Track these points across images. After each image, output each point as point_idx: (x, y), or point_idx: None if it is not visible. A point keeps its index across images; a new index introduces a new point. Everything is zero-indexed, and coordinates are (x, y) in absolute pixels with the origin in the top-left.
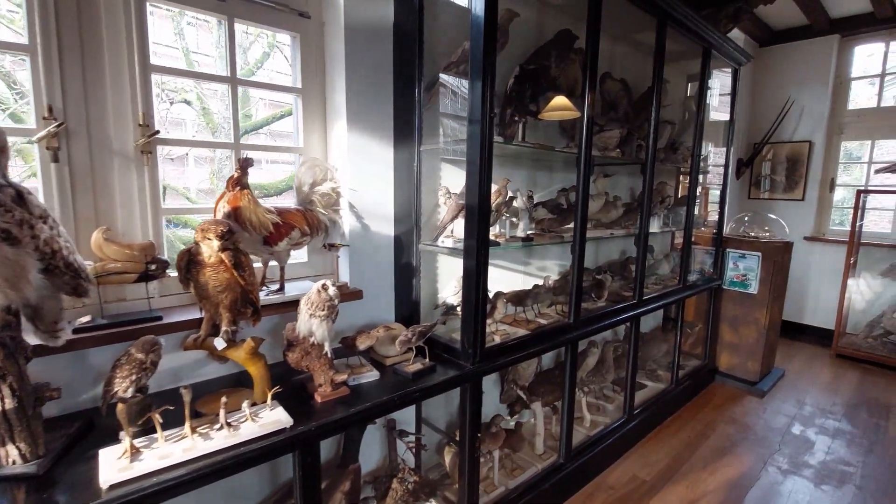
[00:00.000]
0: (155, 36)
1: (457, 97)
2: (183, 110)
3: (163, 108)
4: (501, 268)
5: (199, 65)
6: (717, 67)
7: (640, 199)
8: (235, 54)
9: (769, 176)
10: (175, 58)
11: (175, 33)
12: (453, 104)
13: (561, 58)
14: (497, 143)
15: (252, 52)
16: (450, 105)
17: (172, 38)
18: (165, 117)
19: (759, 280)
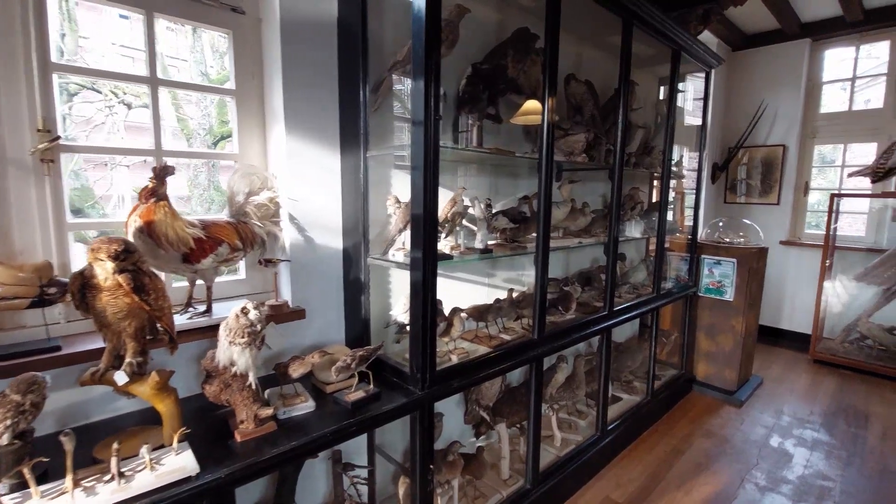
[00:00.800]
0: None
1: (405, 99)
2: (143, 115)
3: (118, 113)
4: (462, 280)
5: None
6: (690, 71)
7: (610, 205)
8: (156, 52)
9: (745, 180)
10: (137, 59)
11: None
12: (402, 106)
13: (519, 57)
14: (450, 149)
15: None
16: (398, 107)
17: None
18: (119, 122)
19: (735, 287)
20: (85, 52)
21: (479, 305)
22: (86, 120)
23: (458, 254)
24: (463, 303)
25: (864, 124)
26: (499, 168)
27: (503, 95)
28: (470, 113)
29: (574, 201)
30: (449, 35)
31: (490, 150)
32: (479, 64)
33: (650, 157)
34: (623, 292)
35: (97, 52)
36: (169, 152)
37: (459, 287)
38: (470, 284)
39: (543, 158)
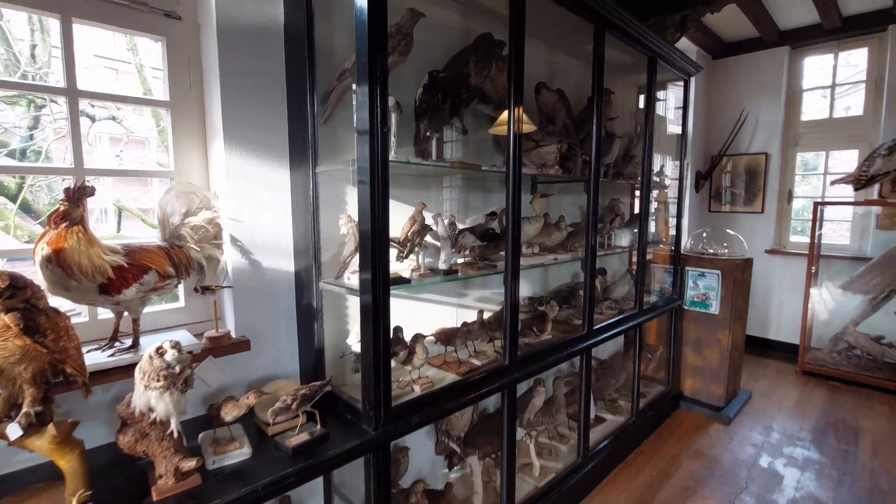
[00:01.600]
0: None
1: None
2: (112, 128)
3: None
4: (430, 302)
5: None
6: (669, 79)
7: (586, 219)
8: (74, 60)
9: (729, 188)
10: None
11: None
12: (352, 118)
13: (482, 65)
14: (401, 163)
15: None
16: (349, 119)
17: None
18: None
19: (720, 299)
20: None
21: (446, 329)
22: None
23: (418, 276)
24: (430, 325)
25: (845, 131)
26: (469, 182)
27: (468, 105)
28: (430, 124)
29: (548, 216)
30: (401, 41)
31: (453, 163)
32: (437, 72)
33: (630, 168)
34: (604, 308)
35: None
36: (92, 171)
37: (426, 309)
38: (438, 306)
39: (511, 172)
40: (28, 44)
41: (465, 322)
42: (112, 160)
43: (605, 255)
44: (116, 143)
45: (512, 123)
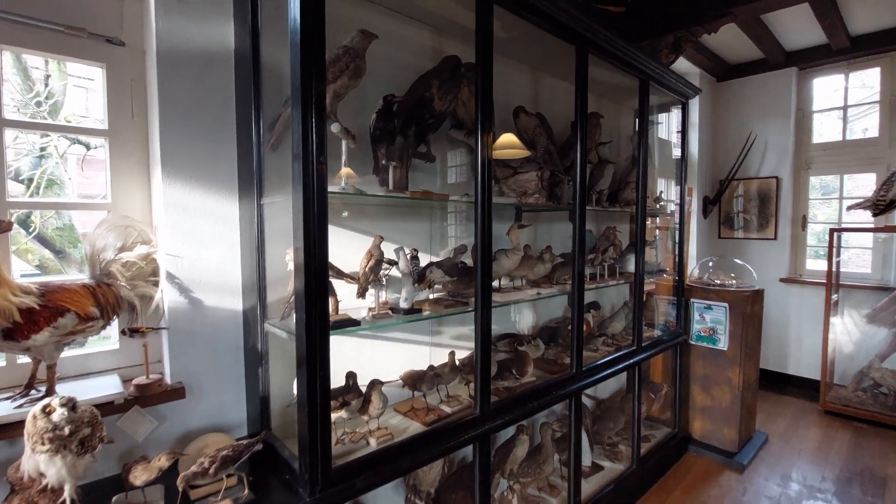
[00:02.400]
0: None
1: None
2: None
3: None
4: (399, 342)
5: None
6: (669, 102)
7: (572, 250)
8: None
9: (741, 213)
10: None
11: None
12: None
13: (446, 88)
14: (347, 194)
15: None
16: None
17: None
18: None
19: (729, 334)
20: None
21: (414, 371)
22: None
23: (371, 317)
24: (399, 366)
25: (860, 154)
26: (446, 213)
27: (435, 131)
28: (388, 151)
29: (529, 247)
30: (349, 64)
31: (413, 193)
32: (393, 96)
33: (626, 194)
34: (599, 345)
35: None
36: (17, 203)
37: (394, 349)
38: (408, 345)
39: (479, 202)
40: None
41: (433, 366)
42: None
43: (598, 288)
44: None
45: (479, 150)
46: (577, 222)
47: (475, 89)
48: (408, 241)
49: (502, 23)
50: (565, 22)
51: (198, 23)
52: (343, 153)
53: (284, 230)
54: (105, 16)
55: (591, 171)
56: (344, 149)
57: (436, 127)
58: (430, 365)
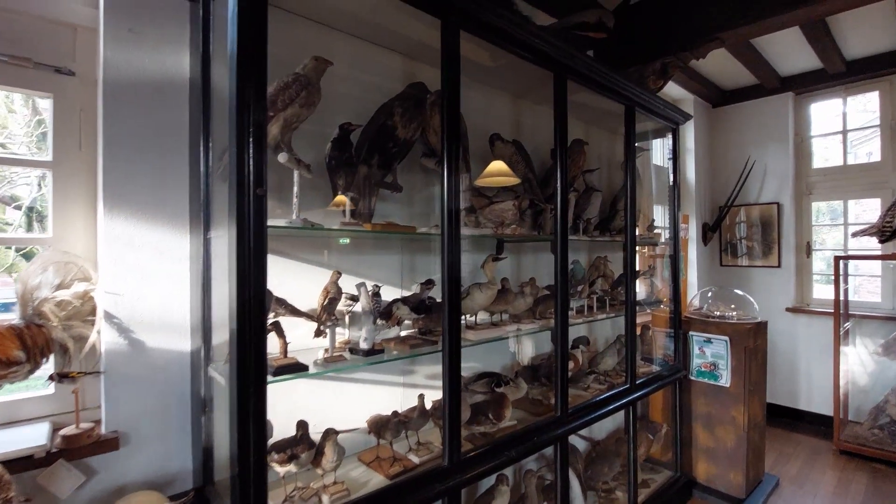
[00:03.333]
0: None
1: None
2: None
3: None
4: (367, 383)
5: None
6: (659, 128)
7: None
8: None
9: (743, 240)
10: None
11: None
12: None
13: (410, 116)
14: (293, 228)
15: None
16: None
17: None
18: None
19: (731, 370)
20: None
21: (378, 417)
22: None
23: (323, 360)
24: (368, 410)
25: (864, 179)
26: (419, 245)
27: (400, 160)
28: (347, 182)
29: (506, 281)
30: (300, 91)
31: (375, 226)
32: (349, 125)
33: (617, 222)
34: (590, 383)
35: None
36: None
37: (361, 391)
38: (378, 387)
39: (445, 233)
40: None
41: (397, 411)
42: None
43: (587, 322)
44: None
45: (446, 179)
46: (559, 253)
47: (441, 116)
48: (376, 275)
49: (489, 53)
50: (539, 47)
51: (151, 52)
52: (295, 184)
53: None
54: (59, 46)
55: (577, 200)
56: (296, 179)
57: (401, 155)
58: (394, 410)
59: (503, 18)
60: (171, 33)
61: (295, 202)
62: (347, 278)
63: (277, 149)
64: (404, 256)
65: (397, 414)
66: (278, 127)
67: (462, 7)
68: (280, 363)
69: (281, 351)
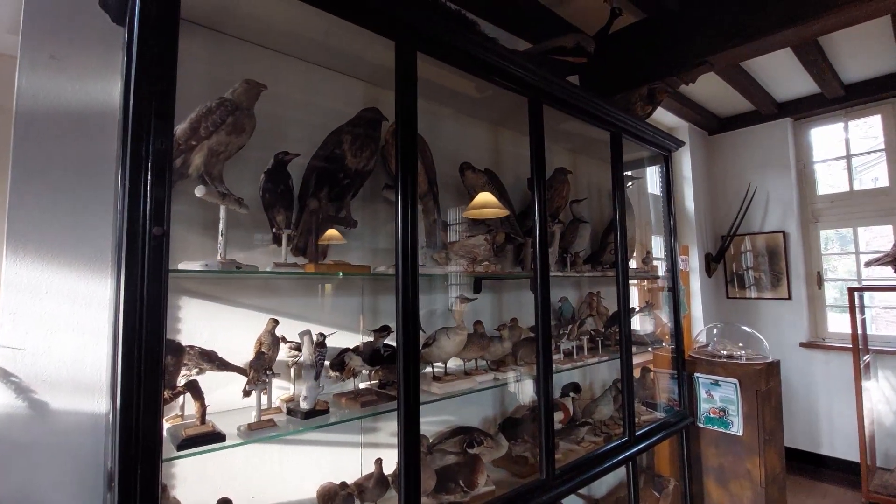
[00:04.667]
0: None
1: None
2: None
3: None
4: (322, 444)
5: None
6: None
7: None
8: None
9: (749, 270)
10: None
11: None
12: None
13: (360, 144)
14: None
15: None
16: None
17: None
18: None
19: (742, 416)
20: None
21: (328, 486)
22: None
23: (247, 428)
24: (323, 476)
25: (872, 205)
26: (376, 284)
27: (353, 192)
28: (287, 218)
29: (480, 324)
30: (225, 117)
31: (319, 266)
32: (285, 153)
33: (607, 256)
34: (583, 435)
35: None
36: None
37: (317, 453)
38: (334, 449)
39: (400, 274)
40: None
41: (345, 483)
42: None
43: (577, 367)
44: None
45: (401, 212)
46: (539, 291)
47: (396, 143)
48: (333, 320)
49: (475, 83)
50: (510, 70)
51: (74, 79)
52: (221, 220)
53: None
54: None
55: (563, 233)
56: (223, 215)
57: (354, 188)
58: (342, 481)
59: (465, 39)
60: (99, 59)
61: (220, 241)
62: (297, 324)
63: (201, 180)
64: (366, 298)
65: (346, 486)
66: (202, 157)
67: (417, 27)
68: (190, 433)
69: (198, 416)
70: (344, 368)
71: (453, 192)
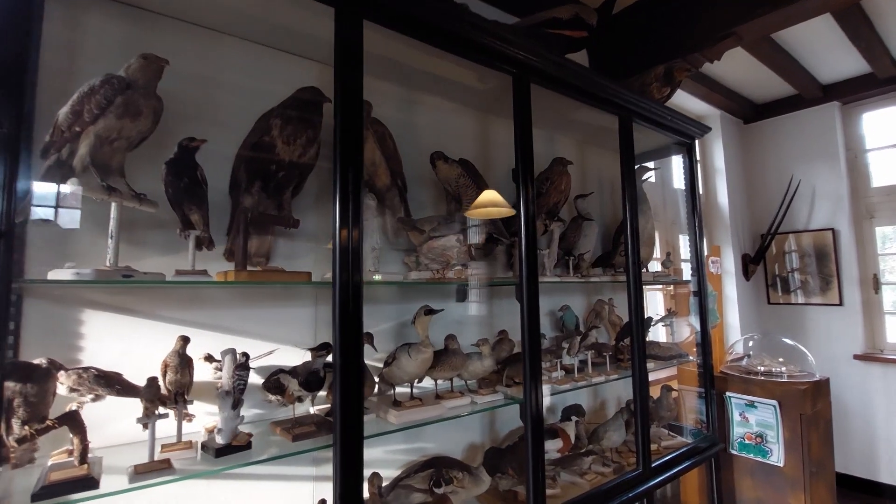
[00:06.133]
0: None
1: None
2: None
3: None
4: (271, 479)
5: None
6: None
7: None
8: None
9: (795, 273)
10: None
11: None
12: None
13: (294, 131)
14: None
15: None
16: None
17: None
18: None
19: (784, 443)
20: None
21: None
22: None
23: (133, 471)
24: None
25: None
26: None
27: (292, 186)
28: (202, 216)
29: (453, 339)
30: (113, 98)
31: (240, 273)
32: (191, 140)
33: (618, 258)
34: (588, 466)
35: None
36: None
37: (265, 488)
38: (284, 484)
39: (338, 284)
40: None
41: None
42: None
43: (576, 389)
44: None
45: (338, 209)
46: (526, 298)
47: (335, 126)
48: (278, 334)
49: (478, 74)
50: (486, 42)
51: None
52: (112, 219)
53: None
54: None
55: (564, 233)
56: (113, 214)
57: (291, 181)
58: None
59: (422, 4)
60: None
61: (110, 244)
62: (232, 340)
63: (86, 172)
64: (320, 309)
65: None
66: (87, 145)
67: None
68: (55, 478)
69: (77, 454)
70: (284, 392)
71: (433, 188)
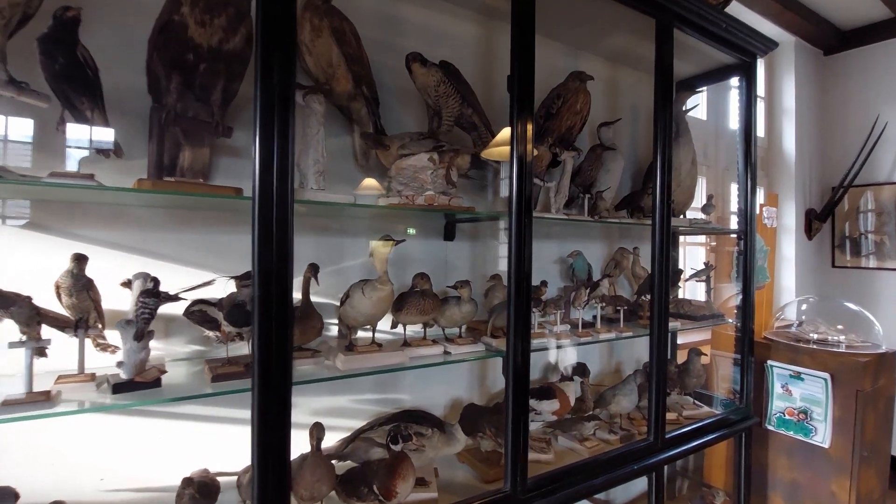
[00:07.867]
0: None
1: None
2: None
3: None
4: (209, 420)
5: None
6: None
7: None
8: None
9: (869, 234)
10: None
11: None
12: None
13: (209, 6)
14: None
15: None
16: None
17: None
18: None
19: (832, 422)
20: None
21: (191, 478)
22: None
23: (2, 406)
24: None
25: None
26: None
27: (227, 88)
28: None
29: (423, 278)
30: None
31: (143, 185)
32: (63, 11)
33: (647, 199)
34: (589, 431)
35: None
36: None
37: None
38: (224, 426)
39: (257, 202)
40: None
41: (190, 479)
42: None
43: (579, 345)
44: None
45: (259, 115)
46: (514, 240)
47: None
48: (220, 264)
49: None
50: None
51: None
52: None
53: None
54: None
55: (581, 165)
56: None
57: (219, 77)
58: (203, 471)
59: None
60: None
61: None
62: (169, 268)
63: None
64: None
65: (190, 482)
66: None
67: None
68: None
69: None
70: (220, 326)
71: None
